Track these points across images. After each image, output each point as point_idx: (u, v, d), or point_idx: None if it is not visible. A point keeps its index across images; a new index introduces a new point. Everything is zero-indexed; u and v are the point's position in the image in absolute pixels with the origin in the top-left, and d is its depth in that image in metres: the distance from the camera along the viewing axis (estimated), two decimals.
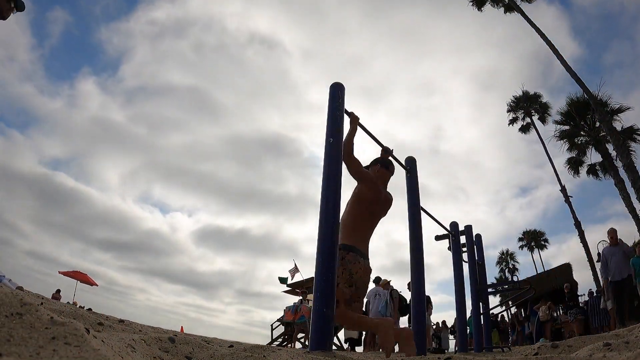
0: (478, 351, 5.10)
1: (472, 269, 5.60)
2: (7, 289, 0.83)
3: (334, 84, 2.95)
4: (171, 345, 1.31)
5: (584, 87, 13.07)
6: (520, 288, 6.39)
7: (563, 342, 2.55)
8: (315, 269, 2.39)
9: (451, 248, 5.41)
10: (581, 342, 2.43)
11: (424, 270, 3.64)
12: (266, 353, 1.48)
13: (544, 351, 2.28)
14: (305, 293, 11.81)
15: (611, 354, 1.46)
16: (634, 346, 1.61)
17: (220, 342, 2.41)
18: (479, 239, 6.07)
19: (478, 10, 18.28)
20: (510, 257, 41.19)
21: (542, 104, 21.27)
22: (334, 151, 2.69)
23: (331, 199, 2.56)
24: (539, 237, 38.26)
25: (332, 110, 2.84)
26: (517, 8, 15.81)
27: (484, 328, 5.51)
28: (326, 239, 2.44)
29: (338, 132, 2.76)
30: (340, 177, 2.65)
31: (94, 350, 0.73)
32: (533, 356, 1.86)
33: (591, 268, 15.41)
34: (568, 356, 1.56)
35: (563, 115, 16.86)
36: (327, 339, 2.22)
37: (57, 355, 0.67)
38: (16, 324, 0.72)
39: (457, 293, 5.24)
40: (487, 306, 5.71)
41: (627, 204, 13.32)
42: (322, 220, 2.49)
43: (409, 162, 4.01)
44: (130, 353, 1.04)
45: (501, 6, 17.60)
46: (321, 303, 2.26)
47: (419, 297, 3.55)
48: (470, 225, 5.79)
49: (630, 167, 11.77)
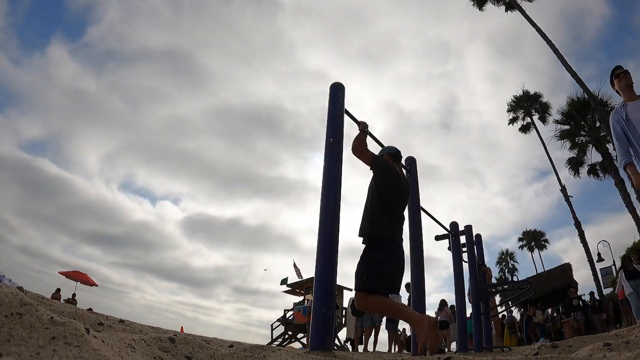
0: (478, 351, 5.10)
1: (472, 269, 5.60)
2: (7, 289, 0.83)
3: (334, 83, 2.95)
4: (171, 345, 1.31)
5: (584, 87, 13.08)
6: (520, 288, 6.39)
7: (563, 342, 2.55)
8: (315, 269, 2.39)
9: (451, 248, 5.41)
10: (581, 342, 2.44)
11: (423, 271, 3.64)
12: (266, 353, 1.48)
13: (544, 351, 2.29)
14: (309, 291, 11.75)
15: (611, 354, 1.46)
16: (634, 346, 1.61)
17: (220, 342, 2.42)
18: (479, 239, 6.07)
19: (479, 9, 18.31)
20: (510, 257, 41.23)
21: (543, 104, 21.28)
22: (334, 151, 2.69)
23: (332, 199, 2.56)
24: (538, 237, 38.30)
25: (332, 110, 2.84)
26: (518, 6, 15.82)
27: (483, 328, 5.51)
28: (326, 239, 2.44)
29: (338, 132, 2.76)
30: (340, 177, 2.65)
31: (94, 350, 0.74)
32: (533, 356, 1.86)
33: (591, 268, 15.41)
34: (568, 356, 1.57)
35: (563, 115, 16.87)
36: (327, 339, 2.22)
37: (57, 355, 0.67)
38: (16, 324, 0.72)
39: (457, 293, 5.25)
40: (487, 306, 5.71)
41: (627, 203, 13.34)
42: (322, 221, 2.50)
43: (409, 162, 4.02)
44: (130, 353, 1.04)
45: (502, 4, 17.61)
46: (321, 303, 2.27)
47: (419, 298, 3.55)
48: (470, 225, 5.79)
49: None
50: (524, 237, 38.90)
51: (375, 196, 2.56)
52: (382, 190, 2.56)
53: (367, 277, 2.34)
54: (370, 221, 2.49)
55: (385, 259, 2.39)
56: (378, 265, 2.36)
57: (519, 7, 15.77)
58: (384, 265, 2.38)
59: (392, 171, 2.67)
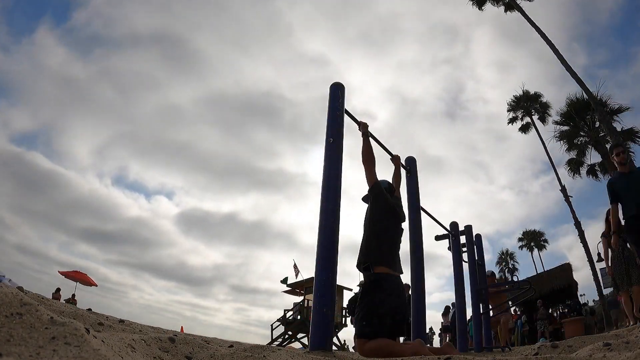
0: (478, 351, 5.10)
1: (472, 269, 5.60)
2: (7, 289, 0.83)
3: (334, 84, 2.95)
4: (171, 345, 1.31)
5: (584, 87, 13.07)
6: (520, 288, 6.39)
7: (563, 342, 2.55)
8: (315, 270, 2.39)
9: (451, 248, 5.41)
10: (581, 342, 2.43)
11: (423, 271, 3.64)
12: (266, 353, 1.48)
13: (544, 351, 2.28)
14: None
15: (611, 354, 1.46)
16: (634, 346, 1.61)
17: (220, 342, 2.41)
18: (479, 239, 6.07)
19: (479, 9, 18.29)
20: (510, 257, 41.27)
21: (542, 104, 21.27)
22: (334, 151, 2.69)
23: (331, 199, 2.56)
24: (538, 237, 38.34)
25: (332, 110, 2.84)
26: (517, 7, 15.81)
27: (483, 328, 5.51)
28: (326, 240, 2.44)
29: (338, 132, 2.76)
30: (340, 177, 2.65)
31: (94, 350, 0.73)
32: (533, 356, 1.86)
33: (591, 268, 15.40)
34: (568, 356, 1.56)
35: (563, 115, 16.84)
36: (327, 339, 2.22)
37: (57, 355, 0.67)
38: (16, 324, 0.72)
39: (457, 293, 5.25)
40: (487, 306, 5.71)
41: None
42: (322, 221, 2.50)
43: (408, 162, 4.02)
44: (130, 353, 1.04)
45: (501, 5, 17.60)
46: (321, 303, 2.27)
47: (419, 298, 3.55)
48: (470, 225, 5.80)
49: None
50: (524, 237, 38.97)
51: (371, 227, 2.51)
52: (379, 218, 2.52)
53: (367, 322, 2.22)
54: (368, 253, 2.41)
55: (385, 300, 2.26)
56: (379, 309, 2.24)
57: (518, 8, 15.76)
58: (385, 306, 2.25)
59: (388, 200, 2.62)
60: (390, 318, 2.25)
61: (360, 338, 2.21)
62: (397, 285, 2.38)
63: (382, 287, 2.30)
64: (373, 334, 2.17)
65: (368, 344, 2.16)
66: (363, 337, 2.20)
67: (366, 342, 2.18)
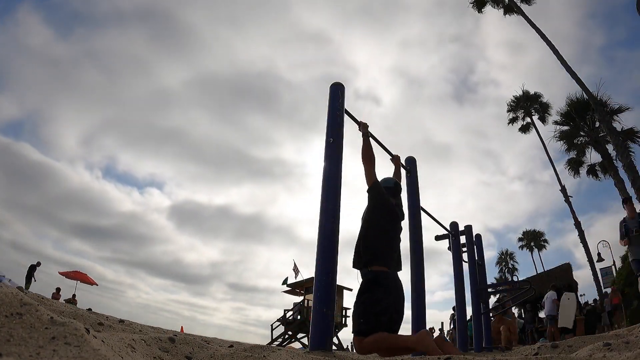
0: (478, 351, 5.10)
1: (472, 269, 5.61)
2: (7, 289, 0.83)
3: (334, 83, 2.95)
4: (171, 345, 1.31)
5: (584, 87, 13.07)
6: (520, 288, 6.39)
7: (563, 342, 2.55)
8: (315, 270, 2.39)
9: (451, 248, 5.41)
10: (581, 342, 2.43)
11: (423, 271, 3.64)
12: (266, 353, 1.48)
13: (544, 351, 2.28)
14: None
15: (611, 354, 1.46)
16: (634, 346, 1.61)
17: (220, 342, 2.42)
18: (479, 239, 6.07)
19: (478, 11, 18.30)
20: (510, 257, 41.28)
21: (542, 104, 21.26)
22: (334, 151, 2.69)
23: (331, 199, 2.56)
24: (538, 237, 38.35)
25: (332, 110, 2.84)
26: (518, 9, 15.81)
27: (483, 328, 5.51)
28: (326, 240, 2.44)
29: (338, 132, 2.76)
30: (340, 177, 2.64)
31: (94, 350, 0.73)
32: (533, 356, 1.86)
33: (591, 268, 15.41)
34: (568, 356, 1.56)
35: (563, 115, 16.84)
36: (327, 339, 2.22)
37: (57, 355, 0.67)
38: (16, 324, 0.72)
39: (457, 293, 5.25)
40: (487, 306, 5.71)
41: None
42: (322, 221, 2.49)
43: (408, 162, 4.01)
44: (130, 353, 1.04)
45: (501, 7, 17.61)
46: (321, 303, 2.26)
47: (419, 298, 3.55)
48: (470, 225, 5.80)
49: (630, 167, 11.78)
50: (524, 237, 38.99)
51: (369, 226, 2.49)
52: (378, 218, 2.51)
53: (364, 319, 2.21)
54: (365, 252, 2.40)
55: (383, 297, 2.25)
56: (376, 306, 2.22)
57: (519, 10, 15.76)
58: (382, 304, 2.23)
59: (387, 200, 2.61)
60: (387, 316, 2.24)
61: (357, 336, 2.21)
62: (395, 283, 2.39)
63: (379, 284, 2.30)
64: (370, 331, 2.17)
65: (365, 340, 2.17)
66: (360, 334, 2.20)
67: (363, 339, 2.18)
